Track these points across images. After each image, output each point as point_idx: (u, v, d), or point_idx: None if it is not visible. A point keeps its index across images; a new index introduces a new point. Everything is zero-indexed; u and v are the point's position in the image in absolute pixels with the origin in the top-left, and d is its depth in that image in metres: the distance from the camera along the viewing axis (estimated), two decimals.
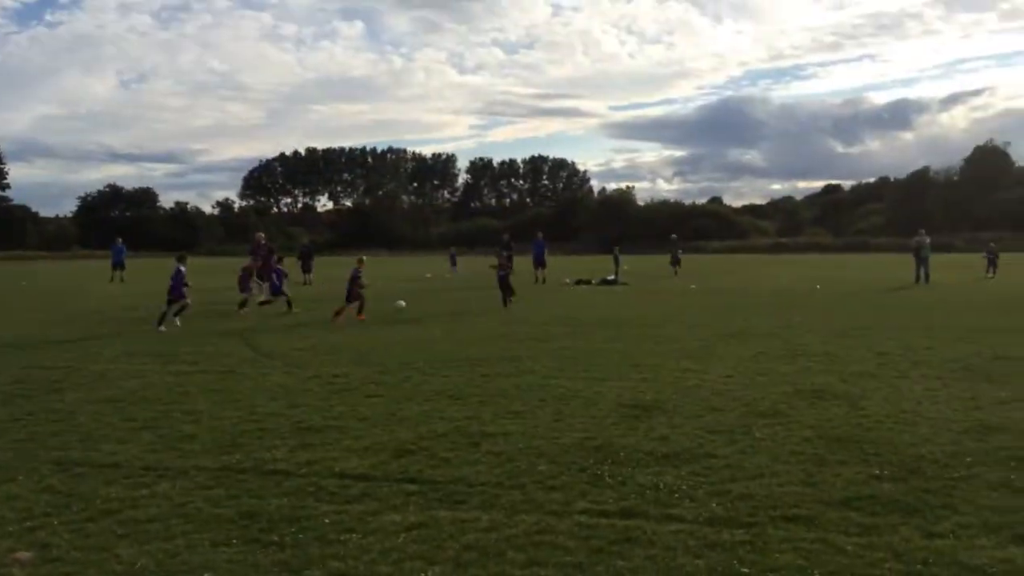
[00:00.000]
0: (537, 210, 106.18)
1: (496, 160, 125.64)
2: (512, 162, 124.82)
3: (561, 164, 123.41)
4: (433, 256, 52.18)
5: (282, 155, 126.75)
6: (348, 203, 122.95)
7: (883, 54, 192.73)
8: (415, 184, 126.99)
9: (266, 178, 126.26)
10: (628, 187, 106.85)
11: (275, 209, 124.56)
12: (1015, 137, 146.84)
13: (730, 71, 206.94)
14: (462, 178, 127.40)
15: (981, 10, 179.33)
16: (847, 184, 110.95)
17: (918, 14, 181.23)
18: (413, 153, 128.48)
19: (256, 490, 6.15)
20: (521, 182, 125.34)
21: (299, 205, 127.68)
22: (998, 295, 23.49)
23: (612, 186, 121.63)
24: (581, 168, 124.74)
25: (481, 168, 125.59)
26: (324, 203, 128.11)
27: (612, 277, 32.26)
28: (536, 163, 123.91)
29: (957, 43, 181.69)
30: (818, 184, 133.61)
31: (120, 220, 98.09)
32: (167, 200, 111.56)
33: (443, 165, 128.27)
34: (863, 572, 4.53)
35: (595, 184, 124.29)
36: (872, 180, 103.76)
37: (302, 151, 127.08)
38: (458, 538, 5.13)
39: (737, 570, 4.61)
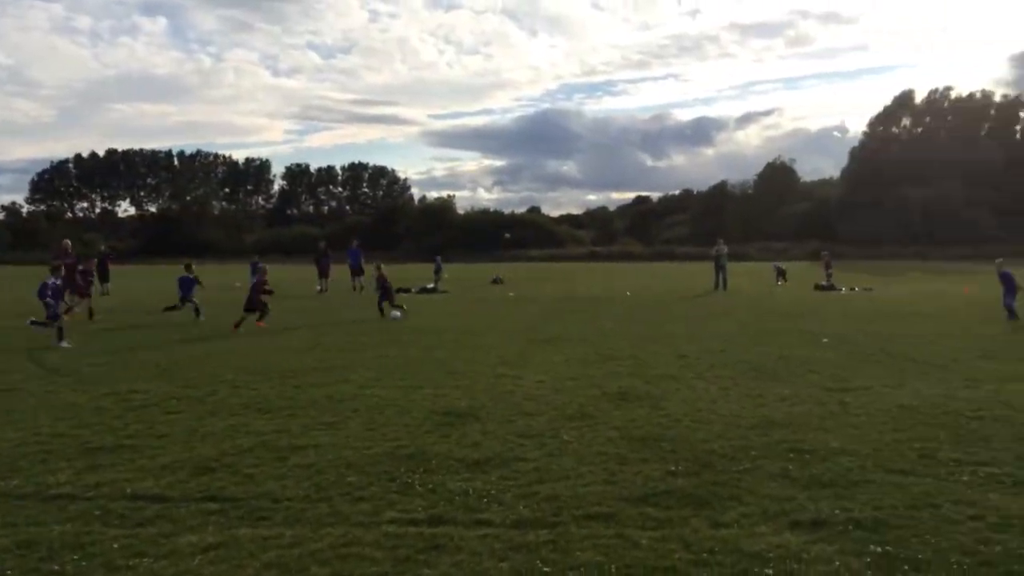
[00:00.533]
0: (356, 218, 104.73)
1: (314, 166, 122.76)
2: (331, 169, 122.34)
3: (381, 172, 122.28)
4: (245, 265, 50.16)
5: (77, 156, 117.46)
6: (153, 209, 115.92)
7: (685, 74, 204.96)
8: (227, 190, 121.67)
9: (58, 180, 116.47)
10: (449, 196, 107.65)
11: (69, 214, 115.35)
12: (800, 155, 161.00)
13: (546, 84, 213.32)
14: (278, 184, 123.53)
15: (771, 36, 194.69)
16: (655, 196, 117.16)
17: (716, 37, 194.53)
18: (225, 157, 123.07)
19: (37, 516, 5.67)
20: (340, 189, 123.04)
21: (97, 210, 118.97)
22: (786, 301, 25.49)
23: (433, 194, 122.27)
24: (402, 176, 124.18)
25: (298, 174, 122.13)
26: (126, 208, 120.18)
27: (432, 285, 32.33)
28: (356, 170, 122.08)
29: (750, 66, 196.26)
30: (630, 195, 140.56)
31: None
32: None
33: (257, 170, 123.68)
34: (655, 564, 4.77)
35: (416, 192, 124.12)
36: (677, 192, 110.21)
37: (100, 152, 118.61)
38: (259, 556, 4.94)
39: (540, 570, 4.72)
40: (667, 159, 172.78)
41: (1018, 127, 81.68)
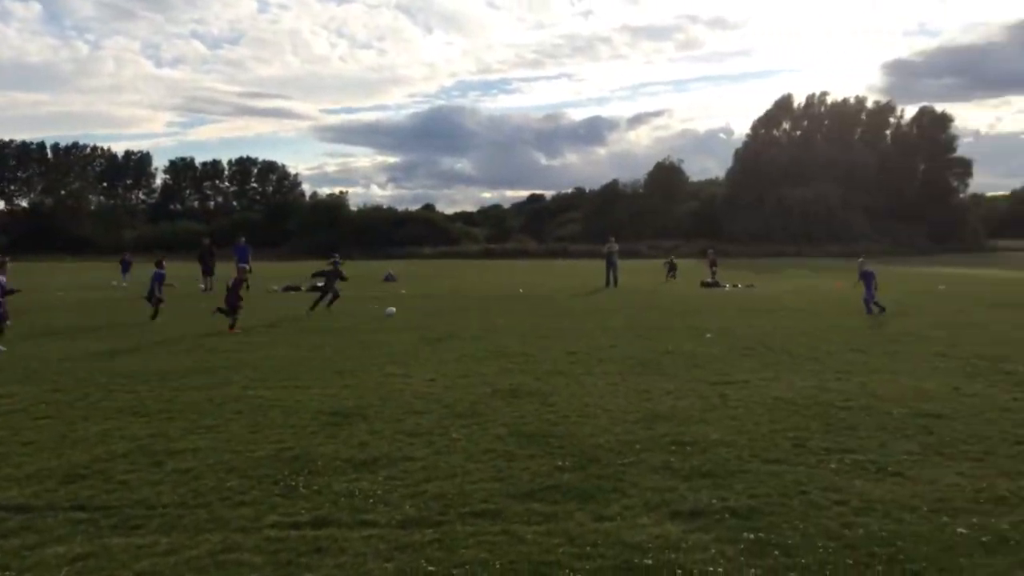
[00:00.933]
0: (244, 214, 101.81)
1: (199, 160, 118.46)
2: (216, 163, 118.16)
3: (271, 166, 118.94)
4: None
5: None
6: (24, 203, 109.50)
7: (579, 74, 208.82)
8: (105, 184, 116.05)
9: None
10: (341, 192, 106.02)
11: None
12: (688, 155, 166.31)
13: (441, 81, 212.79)
14: (160, 178, 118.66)
15: (661, 39, 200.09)
16: (549, 194, 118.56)
17: (608, 39, 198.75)
18: (103, 150, 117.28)
19: None
20: (227, 184, 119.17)
21: None
22: (674, 298, 26.21)
23: (325, 191, 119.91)
24: (292, 171, 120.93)
25: (182, 168, 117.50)
26: None
27: (322, 283, 31.70)
28: (244, 164, 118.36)
29: (641, 68, 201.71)
30: (524, 193, 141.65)
31: None
32: None
33: (137, 164, 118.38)
34: (539, 559, 4.82)
35: (307, 188, 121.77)
36: (571, 191, 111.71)
37: None
38: (131, 566, 4.74)
39: (425, 569, 4.70)
40: (561, 158, 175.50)
41: (888, 132, 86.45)
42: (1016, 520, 5.33)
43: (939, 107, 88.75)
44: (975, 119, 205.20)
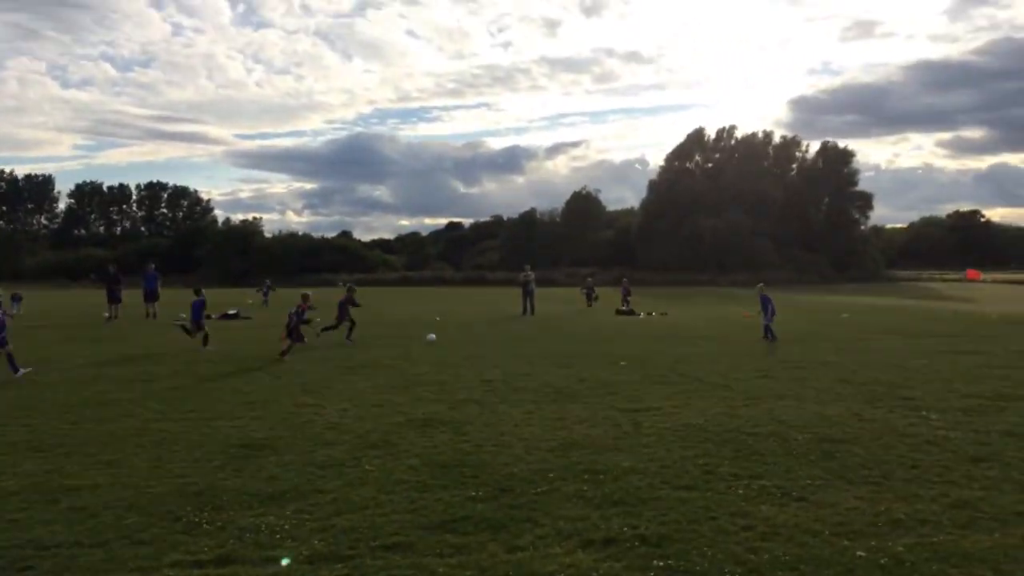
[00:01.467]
0: (153, 240, 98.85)
1: (106, 184, 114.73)
2: (124, 187, 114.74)
3: (182, 192, 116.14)
4: (25, 288, 45.97)
5: None
6: None
7: (498, 103, 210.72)
8: (4, 208, 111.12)
9: None
10: (256, 218, 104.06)
11: None
12: (605, 185, 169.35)
13: (360, 108, 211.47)
14: (64, 203, 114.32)
15: (578, 71, 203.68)
16: (468, 222, 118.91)
17: (527, 70, 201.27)
18: (3, 173, 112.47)
19: None
20: (135, 209, 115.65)
21: None
22: (589, 326, 26.49)
23: (239, 217, 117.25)
24: (205, 197, 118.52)
25: (88, 192, 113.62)
26: None
27: (234, 311, 30.98)
28: (153, 189, 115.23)
29: (560, 99, 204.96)
30: (443, 221, 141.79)
31: None
32: None
33: (38, 187, 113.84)
34: None
35: (220, 214, 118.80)
36: (489, 219, 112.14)
37: None
38: None
39: None
40: (480, 186, 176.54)
41: (795, 165, 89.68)
42: (911, 543, 5.53)
43: (842, 143, 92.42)
44: (876, 154, 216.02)
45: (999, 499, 6.53)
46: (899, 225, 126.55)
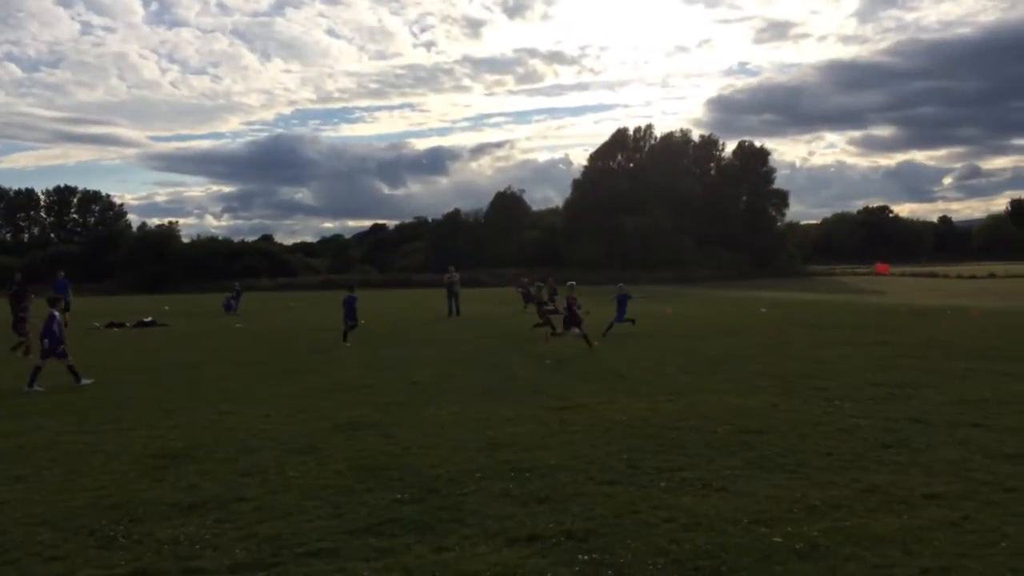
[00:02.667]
0: (63, 247, 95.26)
1: (12, 189, 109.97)
2: (31, 192, 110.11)
3: (94, 196, 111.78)
4: None
5: None
6: None
7: (422, 104, 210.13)
8: None
9: None
10: (172, 223, 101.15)
11: None
12: (529, 185, 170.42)
13: (280, 109, 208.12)
14: None
15: (502, 72, 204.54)
16: (392, 223, 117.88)
17: (450, 70, 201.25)
18: None
19: None
20: (43, 215, 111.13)
21: None
22: (514, 326, 26.58)
23: (155, 221, 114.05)
24: (117, 201, 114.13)
25: None
26: None
27: (149, 319, 30.14)
28: (63, 194, 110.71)
29: (483, 99, 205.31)
30: (367, 223, 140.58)
31: None
32: None
33: None
34: None
35: (134, 219, 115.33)
36: (413, 220, 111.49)
37: None
38: None
39: None
40: (404, 187, 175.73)
41: (713, 164, 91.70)
42: (825, 527, 5.72)
43: (759, 142, 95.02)
44: (791, 152, 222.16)
45: (907, 482, 6.81)
46: (813, 221, 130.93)
